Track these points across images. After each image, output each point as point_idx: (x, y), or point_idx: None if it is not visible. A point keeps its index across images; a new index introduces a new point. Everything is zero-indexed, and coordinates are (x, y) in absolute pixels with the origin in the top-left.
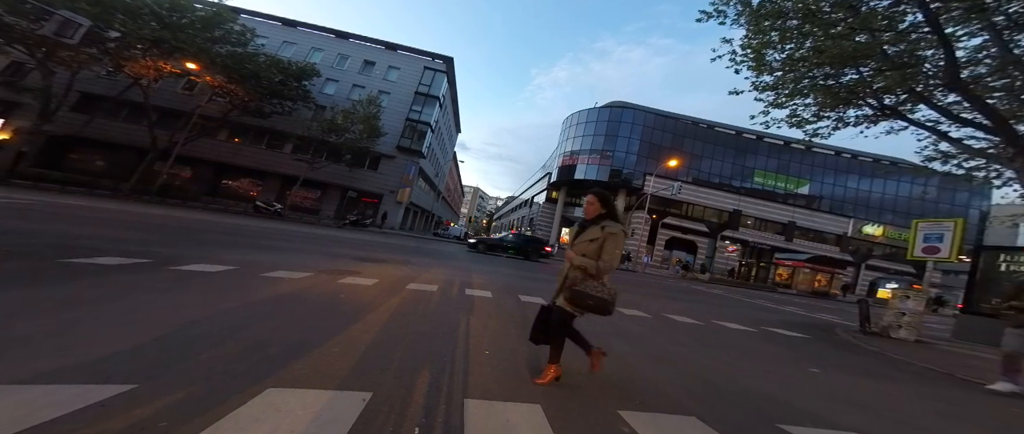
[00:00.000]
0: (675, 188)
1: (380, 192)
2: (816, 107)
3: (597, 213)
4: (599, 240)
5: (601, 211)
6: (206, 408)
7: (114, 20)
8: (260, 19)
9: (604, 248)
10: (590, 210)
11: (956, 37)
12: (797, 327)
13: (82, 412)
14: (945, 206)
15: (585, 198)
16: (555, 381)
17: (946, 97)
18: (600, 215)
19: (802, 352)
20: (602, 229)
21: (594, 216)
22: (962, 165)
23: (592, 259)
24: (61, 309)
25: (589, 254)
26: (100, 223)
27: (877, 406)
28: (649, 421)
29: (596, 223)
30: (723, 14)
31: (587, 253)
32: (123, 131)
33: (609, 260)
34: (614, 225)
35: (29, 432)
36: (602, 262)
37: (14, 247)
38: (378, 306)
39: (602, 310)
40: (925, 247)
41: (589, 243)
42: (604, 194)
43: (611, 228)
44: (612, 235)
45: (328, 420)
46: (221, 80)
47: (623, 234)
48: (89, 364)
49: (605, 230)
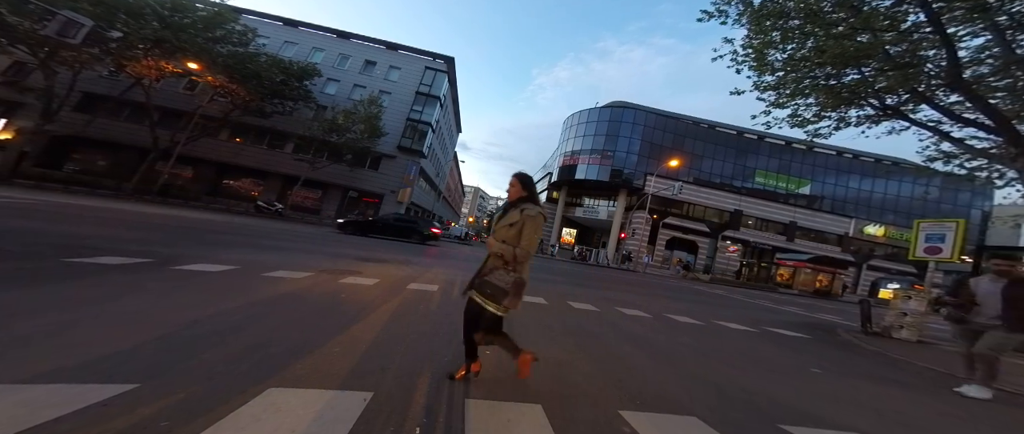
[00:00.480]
0: (676, 188)
1: (381, 192)
2: (817, 107)
3: (518, 196)
4: (518, 224)
5: (522, 193)
6: (207, 407)
7: (116, 20)
8: (261, 19)
9: (523, 233)
10: (512, 193)
11: (958, 37)
12: (798, 327)
13: (84, 411)
14: (947, 206)
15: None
16: (475, 375)
17: (948, 97)
18: (520, 198)
19: (803, 352)
20: (521, 212)
21: (515, 199)
22: (964, 165)
23: (511, 245)
24: (63, 308)
25: (508, 240)
26: (102, 223)
27: (879, 407)
28: (650, 421)
29: (516, 206)
30: (725, 14)
31: (507, 239)
32: (125, 131)
33: (527, 246)
34: (533, 208)
35: (31, 432)
36: (520, 249)
37: (17, 247)
38: (379, 306)
39: (498, 300)
40: (927, 247)
41: (508, 228)
42: (525, 176)
43: (530, 211)
44: (531, 218)
45: (329, 420)
46: (222, 80)
47: (542, 218)
48: (91, 363)
49: (524, 213)
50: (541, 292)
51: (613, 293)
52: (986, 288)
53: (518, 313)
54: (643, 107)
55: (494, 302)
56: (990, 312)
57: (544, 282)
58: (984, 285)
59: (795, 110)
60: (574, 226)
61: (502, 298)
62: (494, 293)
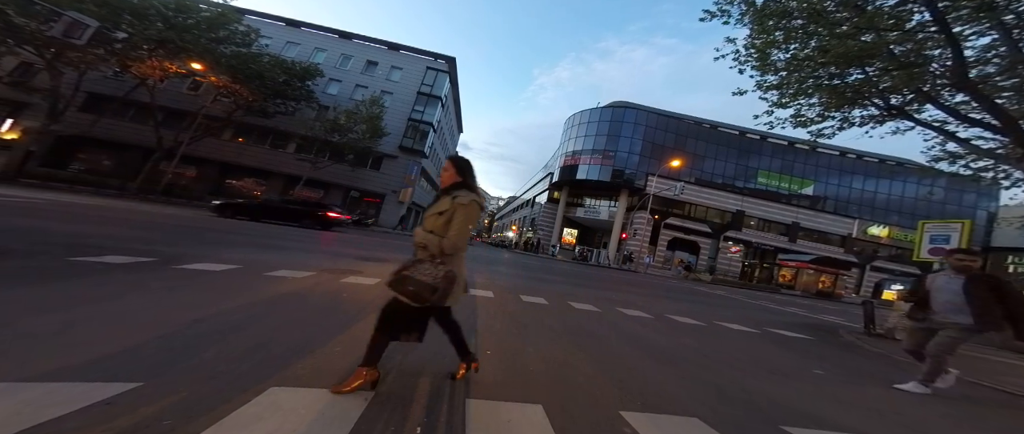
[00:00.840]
0: (678, 188)
1: (382, 192)
2: (821, 107)
3: (451, 181)
4: (448, 213)
5: (456, 179)
6: (210, 407)
7: (121, 21)
8: (264, 20)
9: (453, 222)
10: (445, 178)
11: (964, 36)
12: (800, 328)
13: (87, 410)
14: (952, 207)
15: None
16: (369, 387)
17: (954, 97)
18: (455, 184)
19: (805, 353)
20: (453, 200)
21: (448, 184)
22: (970, 166)
23: (438, 236)
24: (67, 307)
25: (437, 229)
26: (106, 222)
27: (881, 408)
28: (650, 422)
29: (449, 193)
30: (727, 14)
31: (435, 228)
32: (129, 131)
33: (455, 237)
34: (466, 195)
35: (35, 429)
36: (447, 240)
37: (23, 245)
38: (380, 305)
39: (420, 298)
40: (932, 249)
41: (437, 217)
42: (460, 160)
43: (462, 198)
44: (462, 207)
45: (330, 419)
46: (226, 80)
47: (477, 206)
48: (94, 362)
49: (455, 201)
50: (542, 292)
51: (614, 293)
52: (940, 284)
53: (520, 313)
54: (644, 107)
55: (414, 299)
56: (941, 309)
57: (545, 282)
58: (939, 281)
59: (798, 110)
60: (575, 226)
61: (428, 294)
62: (417, 290)
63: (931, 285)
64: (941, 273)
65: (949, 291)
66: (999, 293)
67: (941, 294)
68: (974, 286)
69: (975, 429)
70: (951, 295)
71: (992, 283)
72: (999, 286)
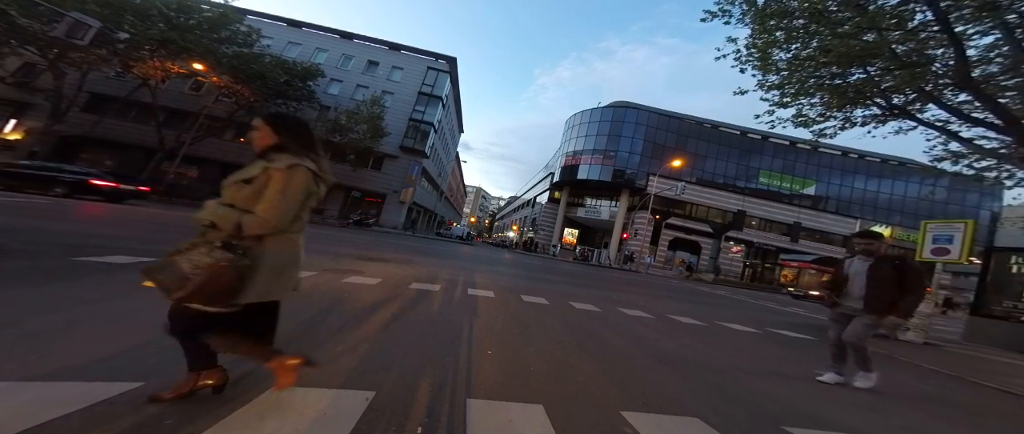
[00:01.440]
0: (679, 188)
1: (384, 192)
2: (822, 107)
3: (267, 144)
4: (259, 182)
5: (273, 140)
6: (212, 406)
7: (123, 21)
8: (265, 20)
9: (265, 194)
10: (256, 139)
11: (967, 36)
12: (802, 329)
13: (90, 409)
14: (955, 207)
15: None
16: (213, 391)
17: (956, 97)
18: (272, 146)
19: (807, 354)
20: (265, 167)
21: (263, 148)
22: (973, 165)
23: (233, 211)
24: (71, 307)
25: (238, 202)
26: (109, 222)
27: (884, 409)
28: (652, 422)
29: (265, 157)
30: (728, 14)
31: (236, 201)
32: (132, 131)
33: (266, 213)
34: (285, 158)
35: (39, 429)
36: (252, 216)
37: (26, 245)
38: (382, 305)
39: (170, 291)
40: (934, 249)
41: (241, 186)
42: (278, 117)
43: (280, 162)
44: (280, 173)
45: (331, 418)
46: (227, 80)
47: (304, 174)
48: (98, 361)
49: (270, 168)
50: (543, 292)
51: (615, 293)
52: (855, 268)
53: (521, 313)
54: (646, 107)
55: (166, 292)
56: (856, 293)
57: (546, 282)
58: (855, 265)
59: (800, 110)
60: (576, 226)
61: (176, 287)
62: (168, 281)
63: (847, 270)
64: (856, 257)
65: (859, 275)
66: (900, 272)
67: (855, 279)
68: (877, 268)
69: (979, 430)
70: (859, 279)
71: (896, 263)
72: (901, 266)
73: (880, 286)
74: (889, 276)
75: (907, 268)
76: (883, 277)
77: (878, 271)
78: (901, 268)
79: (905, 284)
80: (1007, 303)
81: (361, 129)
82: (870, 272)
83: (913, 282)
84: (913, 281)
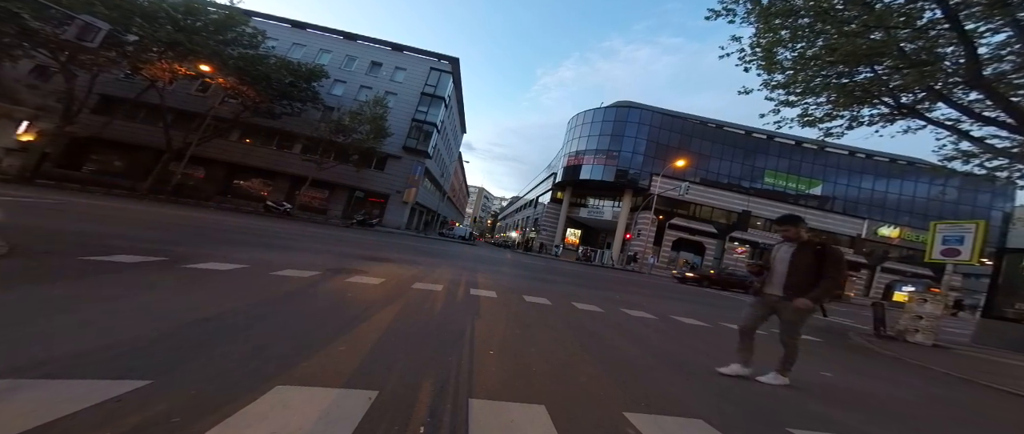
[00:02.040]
0: (682, 188)
1: (386, 192)
2: (829, 106)
3: None
4: None
5: None
6: (217, 404)
7: (132, 24)
8: (270, 21)
9: None
10: None
11: (977, 34)
12: (808, 330)
13: (99, 407)
14: (966, 207)
15: None
16: None
17: (967, 95)
18: None
19: (813, 355)
20: None
21: None
22: (984, 165)
23: None
24: (80, 305)
25: None
26: (118, 222)
27: (892, 411)
28: (654, 423)
29: None
30: (732, 12)
31: None
32: (140, 132)
33: None
34: None
35: (48, 426)
36: None
37: (38, 245)
38: (384, 305)
39: None
40: (944, 249)
41: None
42: None
43: None
44: None
45: (335, 418)
46: (233, 82)
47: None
48: (105, 360)
49: None
50: (545, 292)
51: (618, 294)
52: (780, 255)
53: (523, 313)
54: (649, 107)
55: None
56: (777, 280)
57: (548, 283)
58: (782, 252)
59: (806, 109)
60: (578, 227)
61: None
62: None
63: (773, 257)
64: (784, 243)
65: (782, 262)
66: (820, 258)
67: (778, 266)
68: (798, 255)
69: (988, 431)
70: (782, 266)
71: (817, 250)
72: (822, 251)
73: (801, 273)
74: (810, 263)
75: (827, 253)
76: (804, 264)
77: (799, 258)
78: (821, 254)
79: (824, 270)
80: (1019, 305)
81: (364, 129)
82: (792, 259)
83: (831, 268)
84: (831, 267)
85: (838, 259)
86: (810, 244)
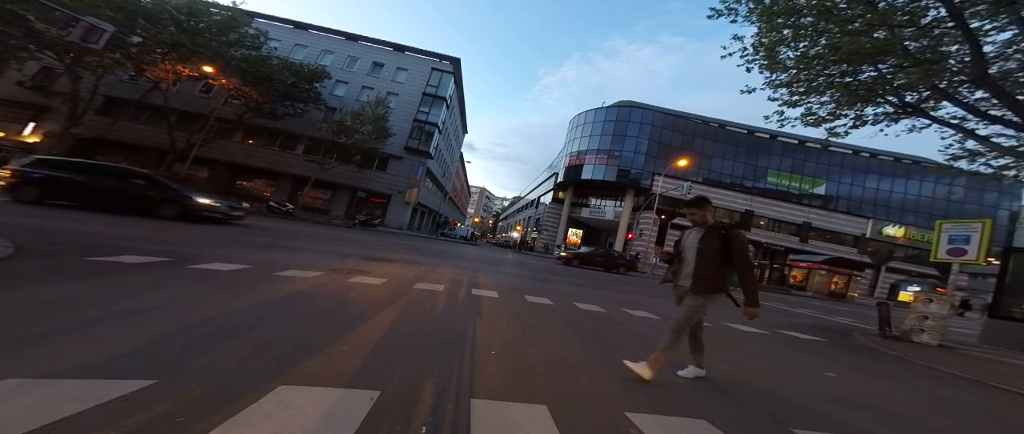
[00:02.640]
0: (685, 188)
1: (388, 192)
2: (833, 105)
3: None
4: None
5: None
6: (221, 404)
7: (136, 25)
8: (272, 22)
9: None
10: None
11: (983, 32)
12: (812, 330)
13: (104, 407)
14: (972, 207)
15: None
16: None
17: (973, 94)
18: None
19: (817, 356)
20: None
21: None
22: (990, 163)
23: None
24: (85, 306)
25: None
26: (123, 223)
27: (897, 411)
28: (657, 423)
29: None
30: (734, 12)
31: None
32: (144, 133)
33: None
34: None
35: (54, 425)
36: None
37: (43, 246)
38: (386, 305)
39: None
40: (950, 249)
41: None
42: None
43: None
44: None
45: (337, 417)
46: (236, 83)
47: None
48: (111, 359)
49: None
50: (546, 292)
51: (620, 294)
52: (689, 242)
53: (525, 313)
54: (651, 106)
55: None
56: (685, 270)
57: (550, 283)
58: (691, 238)
59: (809, 108)
60: (580, 226)
61: None
62: None
63: (683, 245)
64: (692, 230)
65: (690, 249)
66: (725, 243)
67: (686, 253)
68: (705, 241)
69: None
70: (691, 253)
71: (722, 234)
72: (726, 236)
73: (708, 262)
74: (716, 250)
75: (730, 238)
76: (710, 251)
77: (706, 244)
78: (725, 238)
79: (730, 257)
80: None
81: (366, 130)
82: (699, 245)
83: (738, 254)
84: (738, 253)
85: (743, 245)
86: (716, 229)
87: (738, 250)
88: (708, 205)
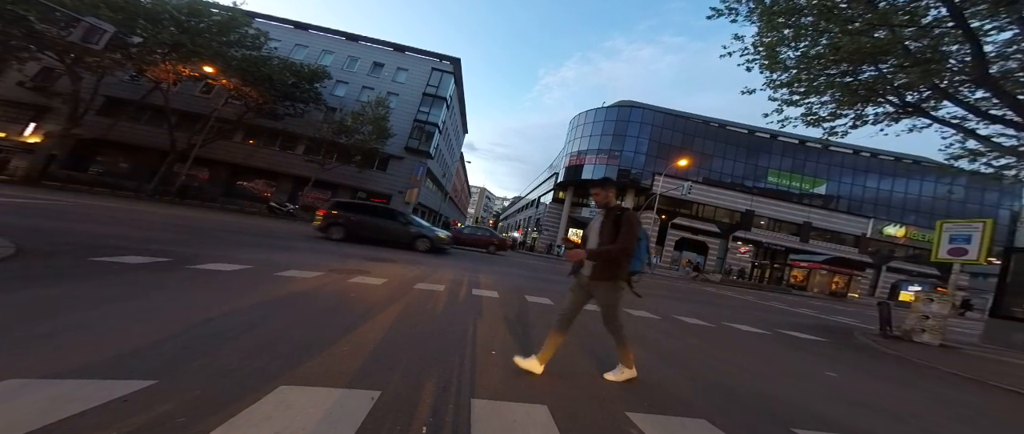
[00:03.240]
0: (685, 188)
1: (389, 193)
2: (833, 104)
3: None
4: None
5: None
6: (222, 405)
7: (136, 26)
8: (273, 23)
9: None
10: None
11: (983, 31)
12: (813, 330)
13: (105, 407)
14: (973, 206)
15: None
16: None
17: (973, 93)
18: None
19: (818, 355)
20: None
21: None
22: (991, 163)
23: None
24: (87, 306)
25: None
26: (124, 223)
27: (897, 411)
28: (658, 423)
29: None
30: (735, 11)
31: None
32: (145, 134)
33: None
34: None
35: (56, 425)
36: None
37: (45, 246)
38: (387, 305)
39: None
40: (951, 249)
41: None
42: None
43: None
44: None
45: (338, 418)
46: (236, 83)
47: None
48: (112, 360)
49: None
50: (546, 292)
51: None
52: (593, 226)
53: (526, 313)
54: (651, 106)
55: None
56: None
57: (550, 283)
58: (595, 223)
59: (809, 108)
60: (580, 226)
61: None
62: None
63: (588, 231)
64: (598, 214)
65: (594, 233)
66: (617, 226)
67: (590, 238)
68: (605, 224)
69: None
70: (594, 237)
71: (616, 217)
72: (619, 217)
73: (603, 242)
74: (610, 232)
75: (623, 219)
76: (607, 234)
77: (605, 226)
78: (618, 221)
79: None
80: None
81: (366, 130)
82: (600, 229)
83: (624, 232)
84: (624, 232)
85: (632, 225)
86: (613, 211)
87: (625, 230)
88: (611, 186)
